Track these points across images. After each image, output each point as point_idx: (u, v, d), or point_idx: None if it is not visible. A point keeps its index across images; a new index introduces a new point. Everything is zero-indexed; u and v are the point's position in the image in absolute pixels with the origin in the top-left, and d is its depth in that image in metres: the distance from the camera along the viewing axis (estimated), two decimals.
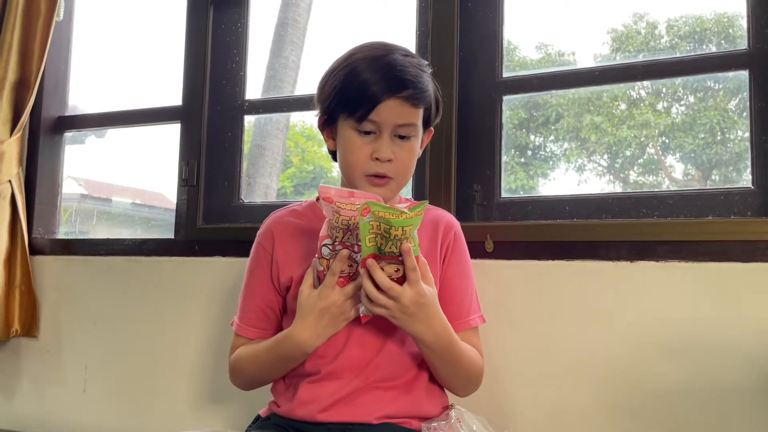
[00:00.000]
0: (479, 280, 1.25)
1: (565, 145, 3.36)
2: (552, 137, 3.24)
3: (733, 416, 1.15)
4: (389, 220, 0.91)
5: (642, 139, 3.14)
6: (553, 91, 1.75)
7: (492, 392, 1.27)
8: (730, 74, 1.54)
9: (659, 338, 1.21)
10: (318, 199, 1.22)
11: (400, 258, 0.94)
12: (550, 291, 1.30)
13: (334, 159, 1.18)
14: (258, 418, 1.19)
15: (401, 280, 0.97)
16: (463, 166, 1.46)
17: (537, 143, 3.36)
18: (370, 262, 0.94)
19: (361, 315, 1.01)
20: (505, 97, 1.49)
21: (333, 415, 1.07)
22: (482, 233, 1.36)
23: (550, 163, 3.43)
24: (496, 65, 1.48)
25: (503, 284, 1.33)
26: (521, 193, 2.29)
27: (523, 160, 3.25)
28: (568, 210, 1.39)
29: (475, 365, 1.12)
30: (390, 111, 1.06)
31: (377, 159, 1.08)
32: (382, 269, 0.95)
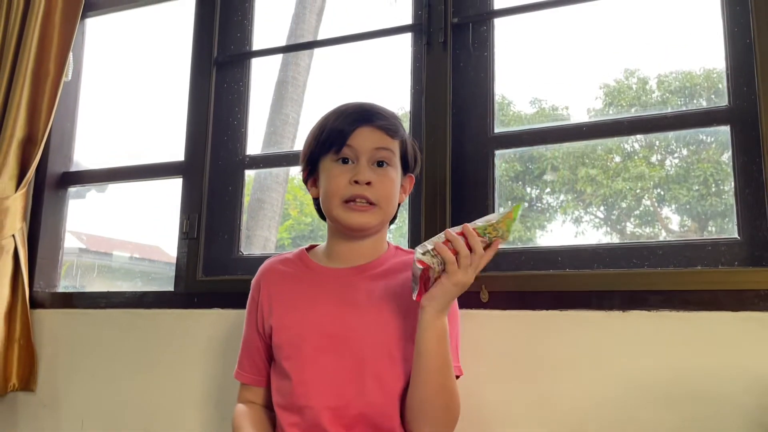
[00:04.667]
0: (475, 331, 1.26)
1: (561, 197, 3.39)
2: (548, 189, 3.28)
3: None
4: (508, 230, 1.08)
5: (637, 191, 3.18)
6: (547, 145, 1.80)
7: None
8: (719, 128, 1.58)
9: (652, 387, 1.22)
10: (309, 249, 1.26)
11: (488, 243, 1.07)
12: (544, 341, 1.31)
13: (318, 208, 1.24)
14: None
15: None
16: (458, 216, 1.49)
17: (533, 195, 3.40)
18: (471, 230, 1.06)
19: (417, 260, 1.03)
20: (497, 152, 1.54)
21: None
22: (477, 283, 1.37)
23: (547, 215, 3.46)
24: (488, 121, 1.53)
25: (498, 334, 1.34)
26: (518, 245, 2.32)
27: (519, 212, 3.29)
28: (561, 260, 1.41)
29: (456, 396, 1.09)
30: (365, 137, 1.14)
31: (356, 182, 1.13)
32: None
